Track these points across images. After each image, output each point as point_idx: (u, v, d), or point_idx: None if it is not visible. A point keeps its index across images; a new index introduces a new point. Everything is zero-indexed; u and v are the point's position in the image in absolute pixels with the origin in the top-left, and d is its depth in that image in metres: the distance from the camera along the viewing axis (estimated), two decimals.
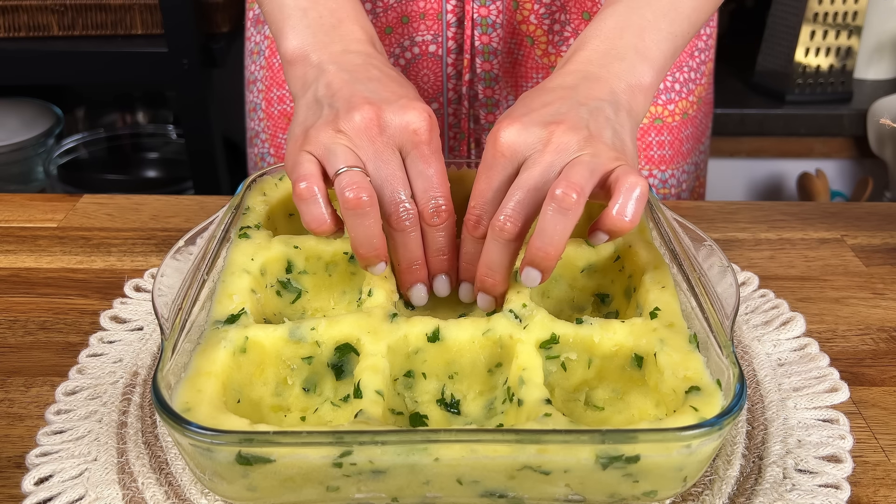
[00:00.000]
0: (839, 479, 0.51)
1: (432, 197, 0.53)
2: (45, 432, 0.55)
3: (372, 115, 0.52)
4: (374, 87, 0.54)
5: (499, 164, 0.52)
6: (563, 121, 0.52)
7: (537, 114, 0.53)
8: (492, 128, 0.54)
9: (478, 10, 0.77)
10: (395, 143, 0.53)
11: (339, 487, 0.45)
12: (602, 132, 0.52)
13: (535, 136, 0.51)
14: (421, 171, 0.53)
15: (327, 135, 0.53)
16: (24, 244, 0.78)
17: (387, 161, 0.53)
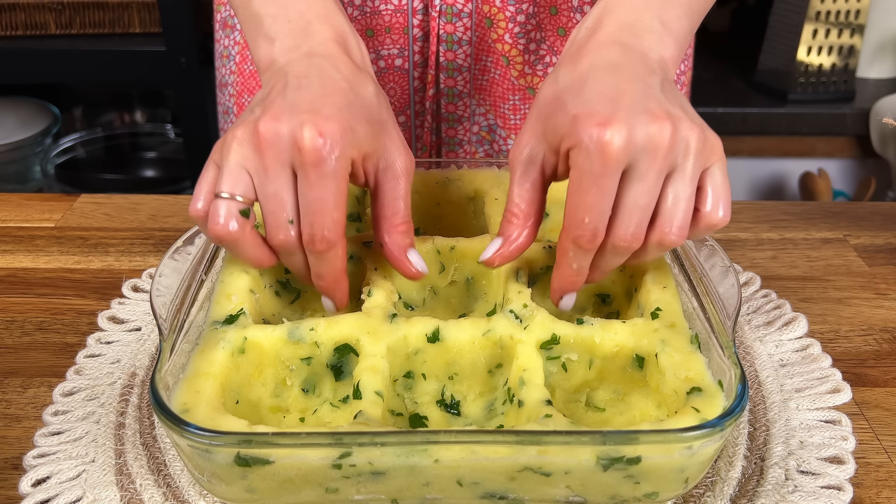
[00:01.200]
0: (841, 481, 0.51)
1: (309, 223, 0.50)
2: (42, 433, 0.55)
3: (268, 126, 0.50)
4: (303, 95, 0.51)
5: (612, 173, 0.48)
6: (658, 112, 0.49)
7: (627, 105, 0.49)
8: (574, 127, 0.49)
9: (444, 27, 0.77)
10: (286, 159, 0.50)
11: (339, 489, 0.45)
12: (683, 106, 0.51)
13: (643, 136, 0.48)
14: (304, 192, 0.50)
15: (230, 141, 0.51)
16: (22, 244, 0.78)
17: (272, 178, 0.50)
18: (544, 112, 0.52)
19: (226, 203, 0.50)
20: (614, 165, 0.48)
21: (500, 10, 0.76)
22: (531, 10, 0.76)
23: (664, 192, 0.49)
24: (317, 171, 0.49)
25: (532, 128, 0.53)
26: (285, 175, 0.50)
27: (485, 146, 0.82)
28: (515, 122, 0.80)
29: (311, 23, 0.56)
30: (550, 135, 0.51)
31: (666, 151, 0.48)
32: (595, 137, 0.48)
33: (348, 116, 0.50)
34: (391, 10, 0.76)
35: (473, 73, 0.79)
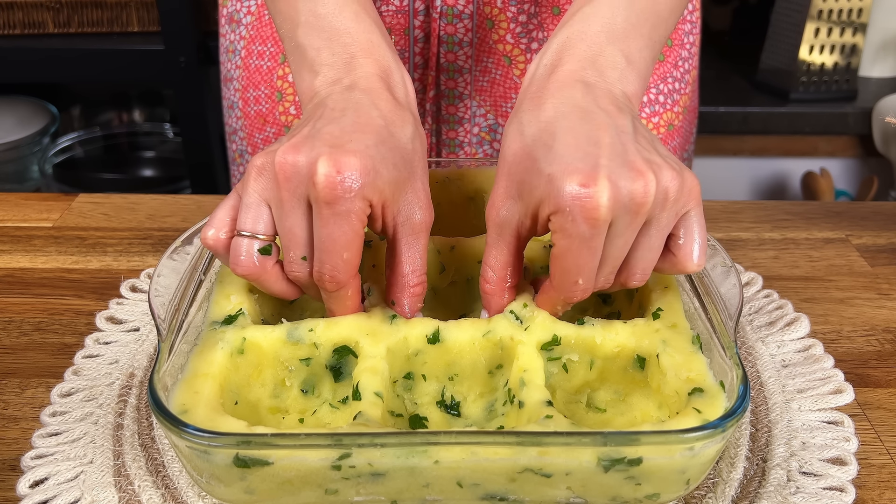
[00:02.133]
0: (844, 482, 0.51)
1: (319, 261, 0.49)
2: (40, 434, 0.55)
3: (288, 158, 0.48)
4: (331, 128, 0.50)
5: (601, 233, 0.47)
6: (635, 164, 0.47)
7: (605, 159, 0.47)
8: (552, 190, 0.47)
9: (444, 28, 0.76)
10: (301, 193, 0.48)
11: (338, 490, 0.45)
12: (659, 152, 0.50)
13: (626, 193, 0.46)
14: (317, 229, 0.49)
15: (250, 169, 0.50)
16: (19, 244, 0.78)
17: (287, 212, 0.49)
18: (515, 171, 0.50)
19: (245, 242, 0.50)
20: (603, 227, 0.46)
21: (501, 11, 0.75)
22: (533, 10, 0.76)
23: (636, 241, 0.49)
24: (329, 209, 0.47)
25: (504, 188, 0.51)
26: (301, 209, 0.49)
27: (485, 146, 0.82)
28: None
29: (356, 56, 0.55)
30: (526, 196, 0.49)
31: (648, 209, 0.47)
32: (579, 201, 0.46)
33: (375, 156, 0.48)
34: (392, 10, 0.76)
35: (474, 75, 0.78)
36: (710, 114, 1.68)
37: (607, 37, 0.54)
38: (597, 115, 0.49)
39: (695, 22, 0.84)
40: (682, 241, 0.50)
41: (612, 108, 0.50)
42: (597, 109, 0.50)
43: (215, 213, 0.52)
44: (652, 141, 0.51)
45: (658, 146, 0.50)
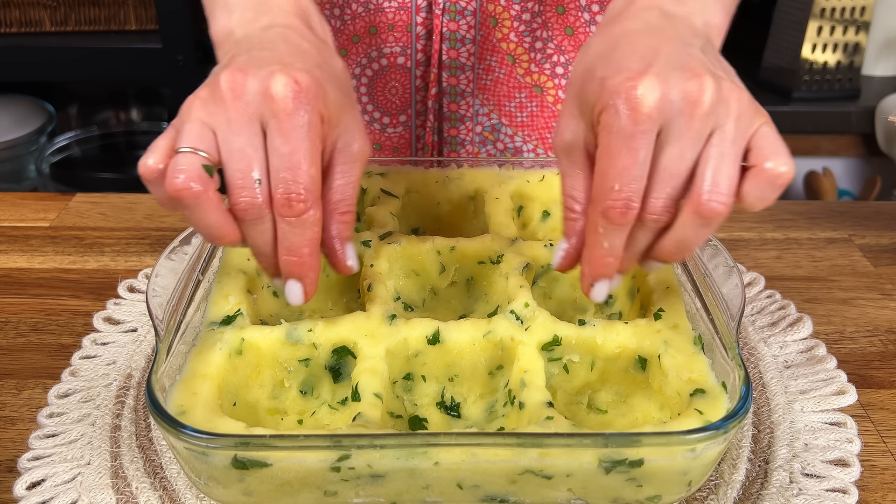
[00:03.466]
0: (847, 484, 0.51)
1: (284, 180, 0.45)
2: (37, 436, 0.54)
3: (233, 79, 0.46)
4: (266, 54, 0.48)
5: (644, 132, 0.43)
6: (696, 69, 0.44)
7: (662, 61, 0.44)
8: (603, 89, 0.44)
9: (447, 25, 0.76)
10: (254, 111, 0.45)
11: (338, 492, 0.45)
12: (727, 72, 0.46)
13: (678, 91, 0.43)
14: (277, 147, 0.45)
15: (188, 104, 0.47)
16: (16, 244, 0.77)
17: (237, 132, 0.45)
18: (576, 87, 0.47)
19: (187, 157, 0.45)
20: (646, 123, 0.43)
21: (504, 9, 0.75)
22: (537, 8, 0.75)
23: (703, 154, 0.44)
24: (291, 122, 0.45)
25: (568, 108, 0.48)
26: (252, 129, 0.46)
27: (487, 146, 0.82)
28: (522, 119, 0.80)
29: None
30: (585, 108, 0.46)
31: (705, 110, 0.43)
32: (624, 93, 0.43)
33: (320, 75, 0.47)
34: (395, 7, 0.76)
35: (477, 73, 0.78)
36: None
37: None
38: (666, 31, 0.47)
39: None
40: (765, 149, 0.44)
41: (685, 31, 0.47)
42: (668, 28, 0.47)
43: (153, 143, 0.47)
44: (723, 64, 0.47)
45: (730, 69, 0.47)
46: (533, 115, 0.79)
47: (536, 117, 0.80)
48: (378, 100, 0.79)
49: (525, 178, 0.65)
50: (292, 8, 0.52)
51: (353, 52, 0.78)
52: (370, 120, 0.80)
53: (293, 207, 0.46)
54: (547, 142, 0.81)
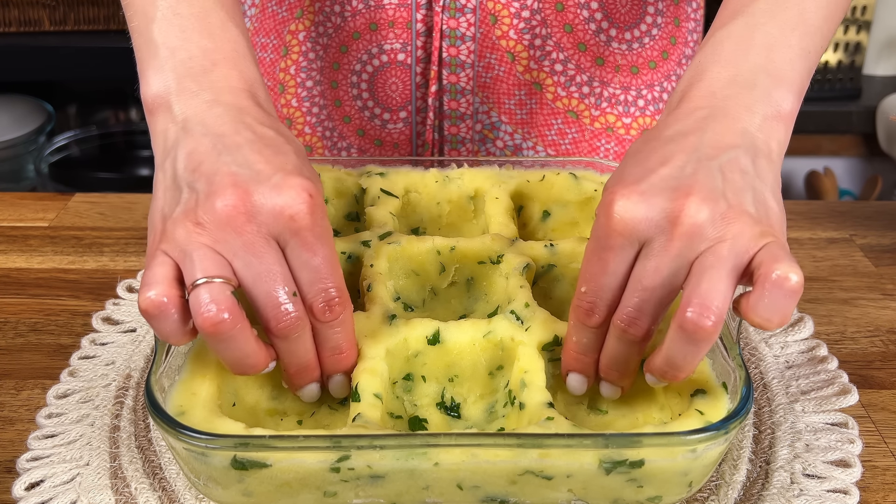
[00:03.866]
0: (848, 485, 0.51)
1: (322, 290, 0.45)
2: (35, 436, 0.54)
3: (237, 200, 0.44)
4: (244, 155, 0.45)
5: (615, 245, 0.44)
6: (693, 189, 0.43)
7: (657, 177, 0.44)
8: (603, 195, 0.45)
9: (447, 22, 0.76)
10: (270, 231, 0.44)
11: (337, 493, 0.45)
12: (742, 199, 0.43)
13: (659, 211, 0.43)
14: (305, 261, 0.45)
15: (184, 230, 0.44)
16: (15, 244, 0.77)
17: (259, 255, 0.44)
18: None
19: (210, 286, 0.43)
20: (616, 239, 0.43)
21: (504, 7, 0.75)
22: (536, 5, 0.75)
23: (691, 271, 0.43)
24: (313, 234, 0.45)
25: None
26: (273, 248, 0.45)
27: (487, 145, 0.82)
28: (521, 116, 0.80)
29: (218, 65, 0.49)
30: None
31: (686, 230, 0.42)
32: (605, 205, 0.44)
33: (306, 167, 0.47)
34: (395, 4, 0.75)
35: (477, 70, 0.78)
36: None
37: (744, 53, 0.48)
38: (690, 139, 0.45)
39: (699, 20, 0.83)
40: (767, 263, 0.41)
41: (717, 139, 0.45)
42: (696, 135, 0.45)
43: (147, 274, 0.44)
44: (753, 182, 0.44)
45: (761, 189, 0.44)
46: (532, 112, 0.79)
47: (536, 115, 0.80)
48: (379, 96, 0.79)
49: (525, 178, 0.65)
50: (239, 83, 0.49)
51: (353, 48, 0.78)
52: (370, 115, 0.80)
53: (335, 311, 0.46)
54: (546, 139, 0.81)
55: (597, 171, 0.65)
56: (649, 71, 0.80)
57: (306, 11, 0.78)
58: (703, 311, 0.41)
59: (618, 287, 0.45)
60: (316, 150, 0.83)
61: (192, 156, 0.46)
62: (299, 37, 0.80)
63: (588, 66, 0.78)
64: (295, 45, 0.80)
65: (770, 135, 0.47)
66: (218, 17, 0.51)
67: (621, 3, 0.76)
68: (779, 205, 0.46)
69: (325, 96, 0.81)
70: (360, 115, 0.80)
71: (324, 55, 0.79)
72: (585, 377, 0.50)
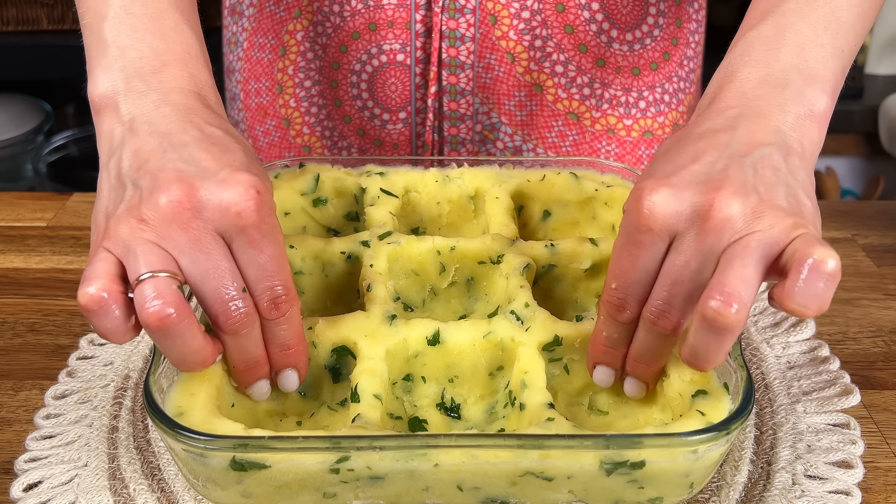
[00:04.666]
0: (850, 486, 0.51)
1: (268, 287, 0.45)
2: (34, 437, 0.54)
3: (182, 195, 0.43)
4: (191, 153, 0.45)
5: (645, 240, 0.43)
6: (724, 183, 0.42)
7: (689, 172, 0.43)
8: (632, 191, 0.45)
9: (446, 23, 0.76)
10: (216, 227, 0.44)
11: (337, 494, 0.45)
12: (774, 193, 0.43)
13: (689, 205, 0.42)
14: (252, 258, 0.44)
15: (128, 226, 0.43)
16: (13, 244, 0.77)
17: (206, 251, 0.43)
18: None
19: (156, 280, 0.42)
20: (648, 233, 0.43)
21: (504, 7, 0.75)
22: (536, 6, 0.75)
23: (719, 263, 0.42)
24: (259, 231, 0.44)
25: None
26: (220, 245, 0.44)
27: (488, 146, 0.81)
28: (521, 118, 0.79)
29: (168, 65, 0.49)
30: None
31: (715, 224, 0.42)
32: (635, 200, 0.44)
33: (254, 165, 0.46)
34: (394, 4, 0.75)
35: (477, 71, 0.78)
36: None
37: (775, 53, 0.48)
38: (721, 136, 0.45)
39: (700, 21, 0.83)
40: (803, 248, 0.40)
41: (749, 137, 0.45)
42: (728, 132, 0.45)
43: (88, 270, 0.43)
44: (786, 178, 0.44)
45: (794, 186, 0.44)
46: (532, 113, 0.79)
47: (536, 116, 0.79)
48: (378, 96, 0.79)
49: (525, 178, 0.65)
50: (187, 84, 0.49)
51: (352, 48, 0.78)
52: (370, 116, 0.80)
53: (280, 308, 0.46)
54: (546, 140, 0.80)
55: (598, 170, 0.65)
56: (651, 72, 0.79)
57: (304, 11, 0.78)
58: (727, 300, 0.40)
59: (648, 282, 0.45)
60: (315, 150, 0.83)
61: (138, 154, 0.46)
62: (297, 37, 0.79)
63: (589, 68, 0.77)
64: (293, 46, 0.80)
65: (803, 134, 0.46)
66: (172, 18, 0.51)
67: (622, 4, 0.75)
68: (812, 203, 0.45)
69: (324, 96, 0.81)
70: (359, 115, 0.80)
71: (323, 55, 0.79)
72: (613, 370, 0.50)
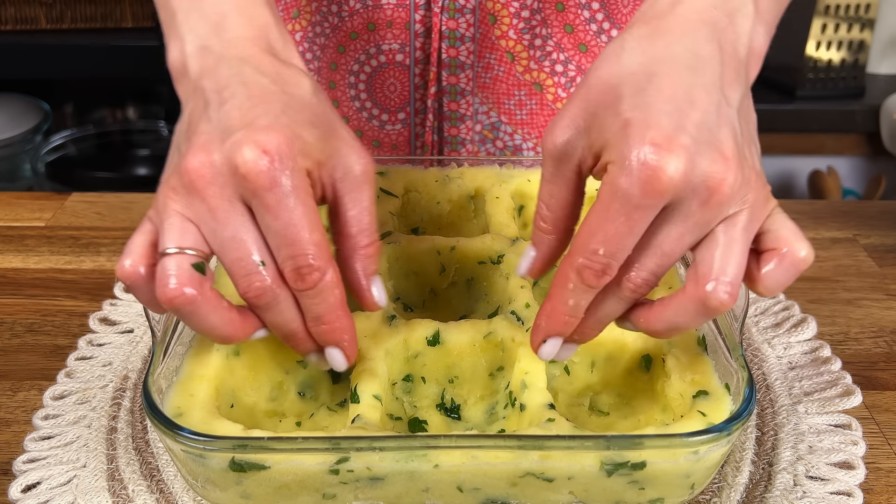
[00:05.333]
0: (851, 487, 0.51)
1: (288, 256, 0.42)
2: (32, 438, 0.54)
3: (199, 162, 0.42)
4: (226, 111, 0.43)
5: (651, 206, 0.40)
6: (725, 150, 0.40)
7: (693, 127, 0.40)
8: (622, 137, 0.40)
9: (446, 23, 0.75)
10: (231, 193, 0.42)
11: (336, 495, 0.44)
12: (752, 155, 0.43)
13: (701, 174, 0.40)
14: (268, 224, 0.42)
15: (162, 196, 0.43)
16: (11, 244, 0.77)
17: (223, 220, 0.42)
18: (593, 98, 0.42)
19: (174, 259, 0.42)
20: (657, 199, 0.39)
21: (504, 7, 0.75)
22: (536, 5, 0.75)
23: (708, 238, 0.41)
24: (273, 195, 0.41)
25: (574, 115, 0.43)
26: (238, 212, 0.42)
27: (487, 145, 0.81)
28: (522, 117, 0.79)
29: (227, 16, 0.48)
30: (595, 133, 0.42)
31: (721, 199, 0.40)
32: (644, 160, 0.39)
33: (288, 122, 0.43)
34: (393, 4, 0.75)
35: (476, 71, 0.78)
36: None
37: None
38: (708, 71, 0.42)
39: None
40: (781, 232, 0.42)
41: (728, 72, 0.43)
42: (712, 65, 0.42)
43: (130, 242, 0.44)
44: (750, 127, 0.44)
45: (752, 134, 0.44)
46: (532, 112, 0.79)
47: (536, 115, 0.79)
48: (377, 96, 0.78)
49: (526, 177, 0.65)
50: (248, 31, 0.48)
51: (351, 48, 0.78)
52: (369, 116, 0.80)
53: (306, 280, 0.43)
54: None
55: None
56: None
57: (303, 11, 0.78)
58: (725, 287, 0.41)
59: (633, 246, 0.42)
60: None
61: (189, 118, 0.45)
62: (296, 37, 0.79)
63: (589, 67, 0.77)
64: None
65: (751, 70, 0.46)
66: None
67: (623, 4, 0.75)
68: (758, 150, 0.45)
69: None
70: (358, 116, 0.80)
71: (321, 55, 0.79)
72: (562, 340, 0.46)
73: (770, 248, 0.42)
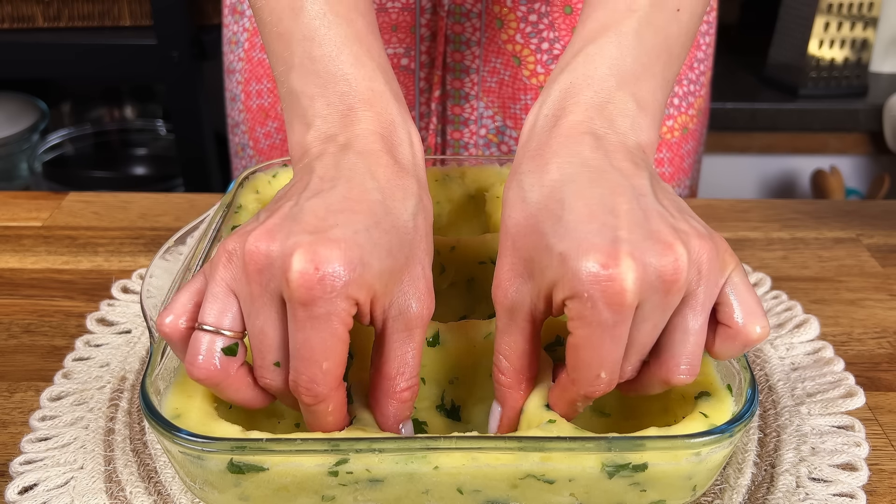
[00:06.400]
0: (854, 489, 0.50)
1: (296, 368, 0.42)
2: (29, 439, 0.54)
3: (260, 245, 0.41)
4: (313, 205, 0.43)
5: (626, 319, 0.41)
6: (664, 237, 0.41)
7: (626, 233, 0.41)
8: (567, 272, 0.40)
9: (452, 27, 0.75)
10: (274, 289, 0.42)
11: (335, 497, 0.44)
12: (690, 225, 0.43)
13: (653, 272, 0.40)
14: (292, 334, 0.42)
15: (220, 255, 0.43)
16: (8, 244, 0.77)
17: (256, 311, 0.42)
18: (520, 245, 0.44)
19: (206, 339, 0.43)
20: (628, 311, 0.40)
21: (510, 11, 0.74)
22: (543, 9, 0.74)
23: (671, 323, 0.42)
24: (305, 311, 0.40)
25: (510, 265, 0.44)
26: (273, 308, 0.42)
27: (492, 149, 0.81)
28: None
29: (354, 108, 0.48)
30: (537, 277, 0.43)
31: (680, 286, 0.41)
32: (600, 285, 0.39)
33: (364, 243, 0.42)
34: (398, 7, 0.75)
35: (482, 75, 0.77)
36: (718, 110, 1.66)
37: (617, 80, 0.47)
38: (610, 175, 0.43)
39: (711, 22, 0.82)
40: (736, 309, 0.42)
41: (627, 165, 0.44)
42: (610, 168, 0.43)
43: (176, 296, 0.44)
44: (674, 200, 0.44)
45: (679, 204, 0.44)
46: None
47: None
48: None
49: None
50: (374, 125, 0.48)
51: None
52: None
53: (302, 397, 0.43)
54: None
55: None
56: None
57: None
58: (689, 371, 0.43)
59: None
60: None
61: (288, 188, 0.46)
62: None
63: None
64: None
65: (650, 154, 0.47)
66: (351, 53, 0.49)
67: None
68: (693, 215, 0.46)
69: None
70: None
71: None
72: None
73: (725, 324, 0.43)
